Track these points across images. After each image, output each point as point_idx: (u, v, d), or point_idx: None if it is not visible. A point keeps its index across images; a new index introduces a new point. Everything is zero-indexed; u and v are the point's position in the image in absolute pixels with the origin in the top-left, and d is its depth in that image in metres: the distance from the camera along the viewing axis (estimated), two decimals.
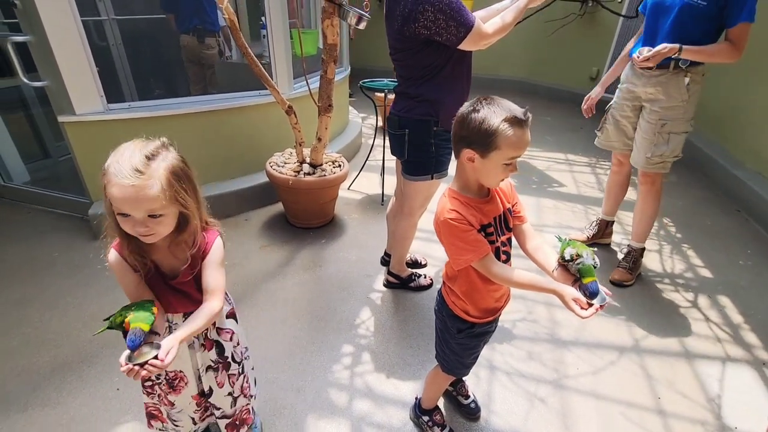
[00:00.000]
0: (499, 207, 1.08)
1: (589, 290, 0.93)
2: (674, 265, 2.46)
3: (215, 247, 1.00)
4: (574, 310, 0.93)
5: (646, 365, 1.75)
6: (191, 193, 0.91)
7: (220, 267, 1.01)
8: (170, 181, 0.84)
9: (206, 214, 1.01)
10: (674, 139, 1.97)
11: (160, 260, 0.97)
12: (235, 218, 2.78)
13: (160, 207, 0.83)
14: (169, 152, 0.88)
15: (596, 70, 5.69)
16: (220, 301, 0.99)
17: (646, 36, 1.94)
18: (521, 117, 0.92)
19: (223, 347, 1.11)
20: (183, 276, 0.97)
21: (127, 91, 3.25)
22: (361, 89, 3.07)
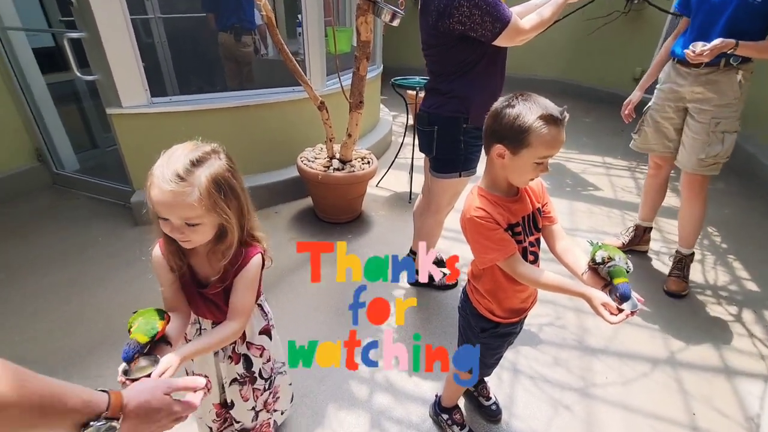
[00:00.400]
0: (528, 206, 1.06)
1: (619, 292, 0.90)
2: (717, 276, 2.32)
3: (251, 266, 0.94)
4: (602, 315, 0.90)
5: (681, 379, 1.67)
6: (233, 205, 0.87)
7: (251, 287, 0.96)
8: (210, 190, 0.81)
9: (254, 227, 0.97)
10: (728, 138, 1.88)
11: (196, 265, 0.96)
12: (265, 210, 2.86)
13: (197, 216, 0.81)
14: (218, 160, 0.85)
15: (640, 70, 5.43)
16: (240, 324, 0.95)
17: (697, 34, 1.83)
18: (557, 116, 0.90)
19: (251, 362, 1.09)
20: (212, 287, 0.94)
21: (169, 85, 3.40)
22: (393, 87, 3.07)
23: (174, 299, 0.97)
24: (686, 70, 1.88)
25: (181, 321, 0.96)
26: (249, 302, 0.97)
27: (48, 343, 1.76)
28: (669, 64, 2.02)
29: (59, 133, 2.97)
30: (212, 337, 0.94)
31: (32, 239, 2.42)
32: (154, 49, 3.39)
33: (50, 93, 2.87)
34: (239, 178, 0.90)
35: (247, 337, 1.07)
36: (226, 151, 0.90)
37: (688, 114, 1.98)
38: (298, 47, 3.07)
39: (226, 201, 0.85)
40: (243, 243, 0.94)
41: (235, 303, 0.95)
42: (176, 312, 0.96)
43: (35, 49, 2.75)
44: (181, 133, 2.68)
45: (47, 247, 2.36)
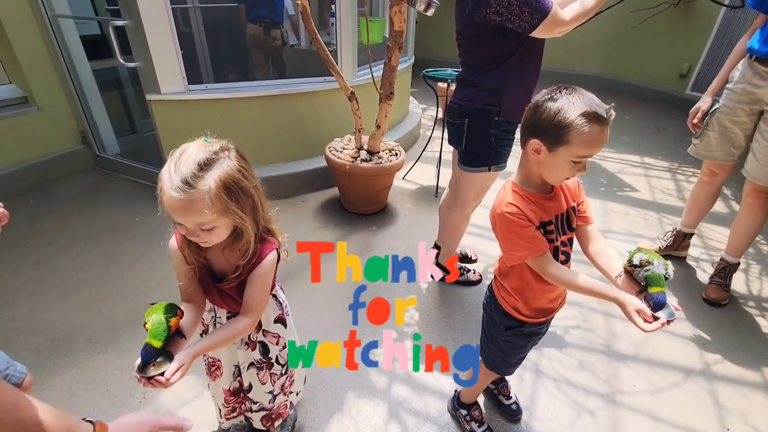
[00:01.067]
0: (562, 204, 1.02)
1: (654, 301, 0.85)
2: (762, 287, 2.18)
3: (265, 263, 0.93)
4: (635, 322, 0.86)
5: (716, 392, 1.58)
6: (247, 205, 0.85)
7: (264, 285, 0.96)
8: (220, 195, 0.79)
9: (269, 220, 0.96)
10: None
11: (212, 259, 0.96)
12: (293, 199, 2.90)
13: (210, 221, 0.81)
14: (228, 159, 0.82)
15: (687, 66, 5.12)
16: (253, 320, 0.96)
17: None
18: (602, 114, 0.84)
19: (268, 348, 1.11)
20: (227, 282, 0.95)
21: (204, 73, 3.49)
22: (424, 78, 3.03)
23: (190, 290, 0.97)
24: (766, 69, 1.70)
25: (196, 311, 0.97)
26: (262, 299, 0.97)
27: (91, 310, 1.87)
28: (744, 62, 1.82)
29: (102, 117, 3.11)
30: (225, 332, 0.95)
31: (75, 218, 2.56)
32: (192, 37, 3.48)
33: (95, 79, 3.01)
34: (251, 175, 0.87)
35: (263, 326, 1.08)
36: (236, 147, 0.88)
37: (762, 119, 1.79)
38: (330, 38, 3.08)
39: (239, 203, 0.83)
40: (258, 238, 0.92)
41: (248, 300, 0.95)
42: (191, 303, 0.97)
43: (82, 36, 2.88)
44: (216, 120, 2.78)
45: (90, 226, 2.48)
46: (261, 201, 0.91)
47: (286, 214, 2.71)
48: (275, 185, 2.85)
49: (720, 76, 1.93)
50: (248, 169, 0.87)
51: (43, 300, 1.92)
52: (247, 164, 0.87)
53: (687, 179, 3.47)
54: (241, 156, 0.86)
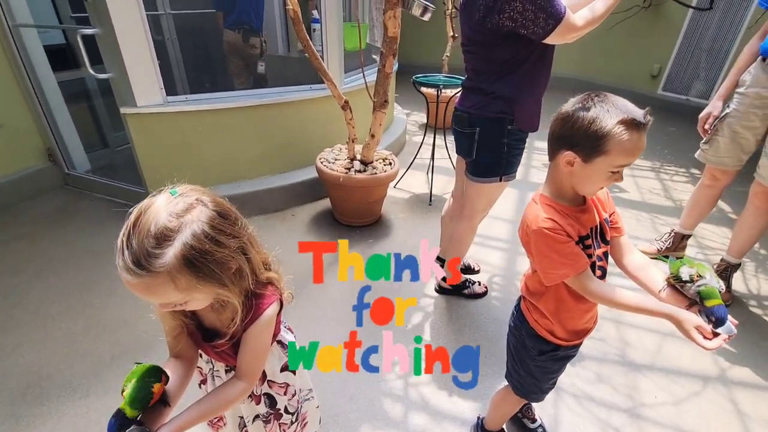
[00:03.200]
0: (595, 217, 0.95)
1: (716, 316, 0.80)
2: (760, 285, 2.20)
3: (262, 320, 0.79)
4: (695, 340, 0.80)
5: (735, 399, 1.56)
6: (225, 275, 0.70)
7: (261, 347, 0.83)
8: (183, 271, 0.64)
9: (263, 269, 0.82)
10: None
11: (202, 316, 0.83)
12: (282, 213, 2.77)
13: (178, 299, 0.68)
14: (196, 223, 0.65)
15: (658, 67, 5.29)
16: (248, 385, 0.84)
17: None
18: (641, 120, 0.80)
19: (275, 400, 0.98)
20: (219, 344, 0.82)
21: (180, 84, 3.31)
22: (414, 85, 2.97)
23: (179, 346, 0.85)
24: None
25: (185, 369, 0.84)
26: (258, 363, 0.84)
27: (69, 346, 1.69)
28: (756, 65, 1.79)
29: (70, 132, 2.89)
30: (214, 402, 0.81)
31: (46, 242, 2.34)
32: (164, 46, 3.30)
33: (61, 91, 2.79)
34: (233, 233, 0.71)
35: (268, 376, 0.95)
36: (214, 198, 0.71)
37: None
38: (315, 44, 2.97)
39: (211, 278, 0.67)
40: (252, 293, 0.79)
41: (242, 363, 0.82)
42: (180, 359, 0.85)
43: (46, 46, 2.67)
44: (198, 133, 2.61)
45: (63, 251, 2.27)
46: (250, 260, 0.75)
47: (276, 229, 2.57)
48: (263, 199, 2.72)
49: (730, 80, 1.91)
50: (227, 228, 0.70)
51: (13, 338, 1.72)
52: (226, 221, 0.70)
53: (670, 178, 3.54)
54: (219, 211, 0.70)
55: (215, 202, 0.71)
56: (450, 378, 1.58)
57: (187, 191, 0.69)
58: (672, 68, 5.21)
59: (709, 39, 4.81)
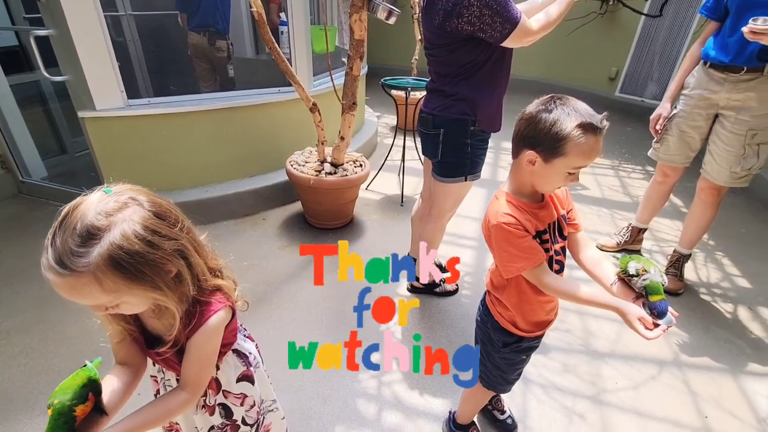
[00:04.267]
0: (553, 213, 1.01)
1: (658, 310, 0.85)
2: (709, 274, 2.36)
3: (206, 330, 0.75)
4: (638, 331, 0.85)
5: (689, 381, 1.66)
6: (160, 279, 0.66)
7: (206, 357, 0.79)
8: (109, 272, 0.60)
9: (210, 275, 0.78)
10: (764, 150, 1.79)
11: (144, 320, 0.80)
12: (252, 217, 2.73)
13: (106, 302, 0.64)
14: (126, 223, 0.62)
15: (615, 70, 5.56)
16: (193, 396, 0.80)
17: (730, 34, 1.73)
18: (597, 125, 0.84)
19: (231, 411, 0.94)
20: (162, 352, 0.78)
21: (143, 87, 3.22)
22: (383, 87, 3.00)
23: (123, 352, 0.82)
24: (722, 76, 1.78)
25: (131, 376, 0.81)
26: (203, 373, 0.80)
27: (26, 363, 1.61)
28: (699, 69, 1.90)
29: (24, 137, 2.75)
30: (155, 411, 0.77)
31: (0, 255, 2.22)
32: (126, 48, 3.19)
33: (13, 95, 2.65)
34: (171, 235, 0.67)
35: (223, 386, 0.91)
36: (152, 198, 0.68)
37: (717, 122, 1.88)
38: (282, 47, 2.96)
39: (142, 281, 0.64)
40: (197, 300, 0.75)
41: (186, 373, 0.78)
42: (126, 366, 0.82)
43: None
44: (162, 137, 2.55)
45: (18, 263, 2.16)
46: (191, 265, 0.72)
47: (247, 234, 2.54)
48: (233, 203, 2.67)
49: (676, 83, 2.02)
50: (163, 229, 0.66)
51: None
52: (163, 222, 0.67)
53: (628, 175, 3.72)
54: (155, 212, 0.66)
55: (153, 202, 0.68)
56: (421, 375, 1.62)
57: (123, 190, 0.66)
58: (628, 71, 5.49)
59: (660, 44, 5.10)
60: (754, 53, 1.67)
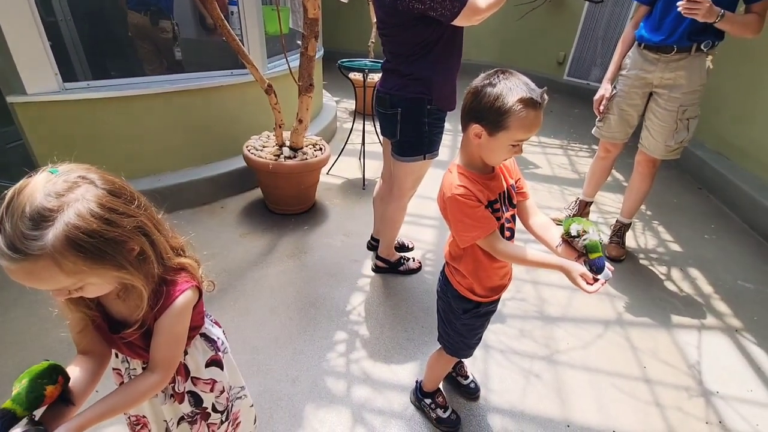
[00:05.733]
0: (503, 183, 1.06)
1: (597, 266, 0.93)
2: (647, 240, 2.57)
3: (174, 309, 0.74)
4: (580, 286, 0.92)
5: (630, 337, 1.83)
6: (123, 257, 0.64)
7: (175, 336, 0.78)
8: (69, 254, 0.58)
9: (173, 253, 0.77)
10: (692, 124, 1.96)
11: (107, 305, 0.77)
12: (210, 206, 2.64)
13: (69, 284, 0.62)
14: (80, 202, 0.60)
15: (563, 54, 5.80)
16: (163, 377, 0.78)
17: (662, 17, 1.84)
18: (537, 99, 0.88)
19: (201, 398, 0.92)
20: (128, 335, 0.75)
21: (80, 70, 2.98)
22: (340, 69, 2.97)
23: (86, 341, 0.79)
24: (655, 56, 1.91)
25: (95, 365, 0.78)
26: (172, 353, 0.79)
27: None
28: (634, 50, 2.02)
29: None
30: (124, 395, 0.75)
31: None
32: (57, 28, 2.92)
33: None
34: (128, 212, 0.65)
35: (192, 372, 0.90)
36: (103, 175, 0.66)
37: (652, 100, 2.03)
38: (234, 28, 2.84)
39: (103, 260, 0.62)
40: (163, 279, 0.74)
41: (155, 354, 0.76)
42: (88, 355, 0.79)
43: None
44: (107, 123, 2.39)
45: None
46: (154, 242, 0.70)
47: (206, 223, 2.46)
48: (188, 192, 2.57)
49: (614, 65, 2.14)
50: (120, 207, 0.64)
51: None
52: (119, 199, 0.65)
53: (576, 153, 3.94)
54: (109, 189, 0.64)
55: (105, 179, 0.65)
56: (389, 347, 1.66)
57: (71, 169, 0.63)
58: (574, 56, 5.75)
59: (602, 29, 5.38)
60: (684, 34, 1.81)
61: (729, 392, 1.59)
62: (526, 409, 1.48)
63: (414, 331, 1.79)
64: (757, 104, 3.02)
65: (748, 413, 1.52)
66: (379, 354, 1.67)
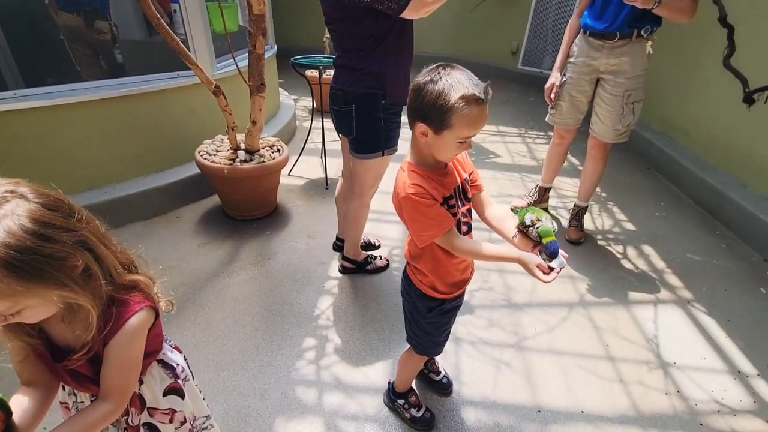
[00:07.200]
0: (457, 178, 1.04)
1: (550, 250, 0.93)
2: (603, 222, 2.67)
3: (125, 332, 0.69)
4: (537, 276, 0.93)
5: (592, 317, 1.89)
6: (66, 275, 0.60)
7: (129, 361, 0.72)
8: (1, 275, 0.54)
9: (129, 273, 0.72)
10: (637, 108, 2.03)
11: (50, 331, 0.71)
12: (165, 216, 2.50)
13: (2, 309, 0.58)
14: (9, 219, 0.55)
15: (516, 44, 5.93)
16: (116, 406, 0.72)
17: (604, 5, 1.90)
18: (480, 95, 0.85)
19: (159, 430, 0.87)
20: (71, 361, 0.69)
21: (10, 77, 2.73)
22: (293, 67, 2.88)
23: (29, 372, 0.73)
24: (600, 43, 1.97)
25: (41, 397, 0.73)
26: (125, 380, 0.73)
27: None
28: (580, 38, 2.08)
29: None
30: (72, 427, 0.69)
31: None
32: None
33: None
34: (63, 221, 0.60)
35: (148, 403, 0.84)
36: (35, 189, 0.61)
37: (599, 85, 2.09)
38: (177, 27, 2.68)
39: (38, 279, 0.57)
40: (113, 300, 0.69)
41: (106, 381, 0.71)
42: (33, 386, 0.73)
43: None
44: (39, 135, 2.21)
45: None
46: (99, 258, 0.65)
47: (160, 235, 2.33)
48: (139, 204, 2.42)
49: (562, 53, 2.20)
50: (57, 221, 0.59)
51: None
52: (55, 213, 0.60)
53: (533, 141, 4.04)
54: (44, 203, 0.59)
55: (38, 193, 0.60)
56: (360, 350, 1.64)
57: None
58: (527, 45, 5.88)
59: (552, 19, 5.53)
60: (625, 21, 1.87)
61: (685, 362, 1.68)
62: (498, 399, 1.50)
63: (385, 330, 1.77)
64: (694, 85, 3.20)
65: (703, 380, 1.61)
66: (350, 357, 1.64)
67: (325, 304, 1.90)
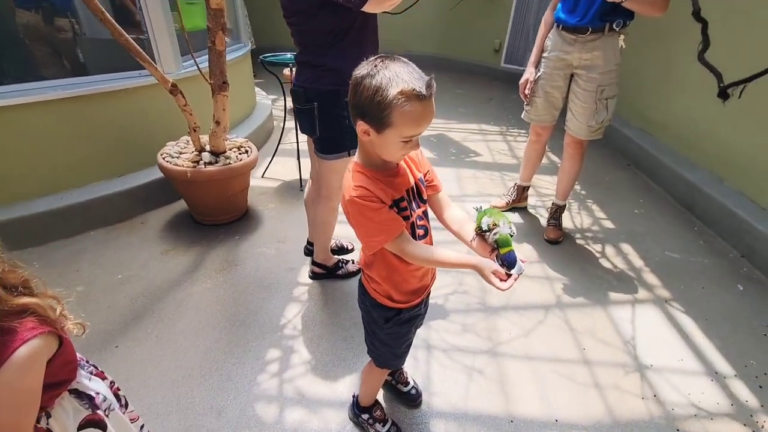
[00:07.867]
0: (409, 179, 0.96)
1: (507, 261, 0.87)
2: (582, 220, 2.63)
3: (14, 363, 0.60)
4: (494, 284, 0.86)
5: (569, 319, 1.83)
6: None
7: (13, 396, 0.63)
8: None
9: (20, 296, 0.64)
10: (611, 104, 1.99)
11: None
12: (129, 222, 2.39)
13: None
14: None
15: (498, 42, 5.90)
16: None
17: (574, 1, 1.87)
18: (421, 90, 0.76)
19: None
20: None
21: None
22: (263, 65, 2.78)
23: None
24: (572, 37, 1.93)
25: None
26: (15, 420, 0.64)
27: None
28: (554, 32, 2.04)
29: None
30: None
31: None
32: None
33: None
34: None
35: None
36: None
37: (573, 81, 2.05)
38: None
39: None
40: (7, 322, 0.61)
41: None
42: None
43: None
44: None
45: None
46: None
47: (123, 242, 2.21)
48: (100, 209, 2.30)
49: (536, 48, 2.15)
50: None
51: None
52: None
53: (514, 139, 4.00)
54: None
55: None
56: (327, 361, 1.55)
57: None
58: (509, 43, 5.86)
59: (532, 16, 5.50)
60: (596, 14, 1.83)
61: (661, 364, 1.63)
62: (469, 410, 1.43)
63: (354, 339, 1.69)
64: (670, 81, 3.18)
65: (680, 383, 1.56)
66: (315, 369, 1.55)
67: (293, 313, 1.82)
